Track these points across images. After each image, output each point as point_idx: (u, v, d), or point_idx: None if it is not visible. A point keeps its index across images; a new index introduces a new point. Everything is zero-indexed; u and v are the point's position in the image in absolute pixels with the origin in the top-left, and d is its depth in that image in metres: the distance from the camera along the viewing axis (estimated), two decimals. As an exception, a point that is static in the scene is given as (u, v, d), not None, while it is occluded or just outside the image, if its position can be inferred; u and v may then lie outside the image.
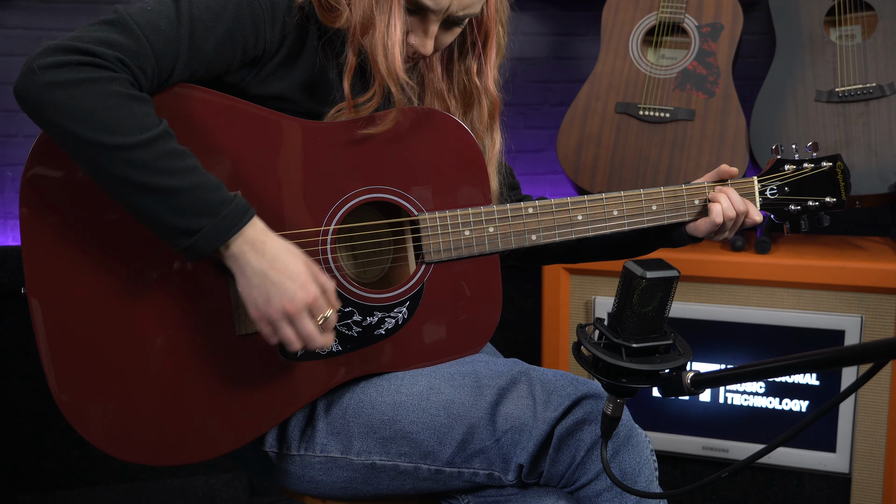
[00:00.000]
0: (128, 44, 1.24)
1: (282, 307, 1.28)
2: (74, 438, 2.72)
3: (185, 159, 1.25)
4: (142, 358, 1.36)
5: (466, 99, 1.56)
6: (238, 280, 1.30)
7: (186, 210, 1.23)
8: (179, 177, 1.23)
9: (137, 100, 1.23)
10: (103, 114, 1.19)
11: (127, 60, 1.23)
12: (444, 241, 1.48)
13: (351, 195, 1.43)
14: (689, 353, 1.20)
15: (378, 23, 1.38)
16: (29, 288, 1.32)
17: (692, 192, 1.59)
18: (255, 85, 1.41)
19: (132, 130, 1.20)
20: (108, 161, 1.20)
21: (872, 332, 2.29)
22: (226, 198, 1.26)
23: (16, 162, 2.68)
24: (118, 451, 1.37)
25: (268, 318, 1.29)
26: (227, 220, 1.25)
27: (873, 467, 2.32)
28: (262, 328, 1.31)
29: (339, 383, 1.46)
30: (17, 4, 2.65)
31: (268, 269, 1.28)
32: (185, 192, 1.23)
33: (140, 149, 1.20)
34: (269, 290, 1.28)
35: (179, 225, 1.23)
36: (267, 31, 1.37)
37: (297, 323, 1.30)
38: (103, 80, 1.20)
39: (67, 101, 1.19)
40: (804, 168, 1.62)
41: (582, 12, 3.14)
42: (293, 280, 1.28)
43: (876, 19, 2.46)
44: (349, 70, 1.42)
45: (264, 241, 1.29)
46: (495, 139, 1.58)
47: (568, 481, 1.41)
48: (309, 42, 1.43)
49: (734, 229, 1.59)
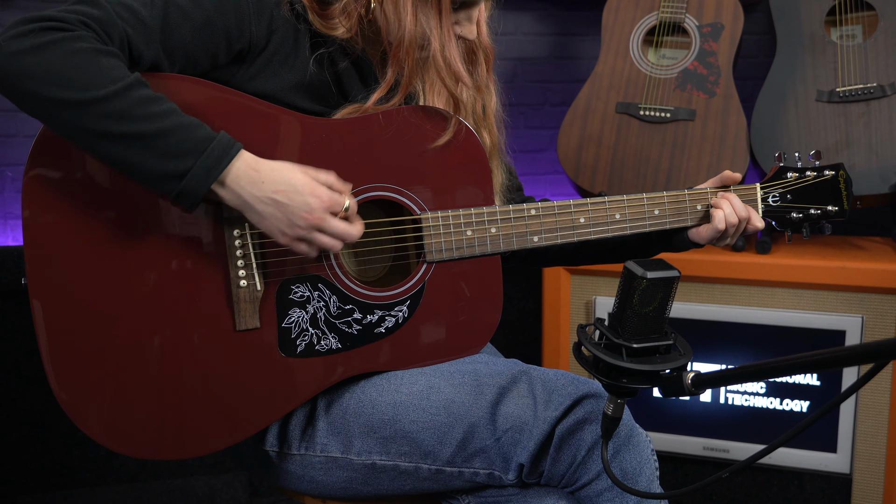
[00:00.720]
0: (94, 12, 1.24)
1: (305, 222, 1.29)
2: (75, 439, 2.71)
3: (162, 103, 1.24)
4: (141, 353, 1.36)
5: (470, 57, 1.56)
6: (250, 217, 1.30)
7: (171, 152, 1.22)
8: (158, 120, 1.22)
9: (105, 53, 1.22)
10: (72, 71, 1.19)
11: (90, 23, 1.23)
12: (447, 241, 1.47)
13: (354, 192, 1.43)
14: (690, 353, 1.19)
15: (431, 37, 1.38)
16: (31, 286, 1.32)
17: (695, 197, 1.59)
18: (245, 81, 1.40)
19: (103, 83, 1.20)
20: (84, 118, 1.20)
21: (873, 332, 2.28)
22: (209, 135, 1.26)
23: (16, 162, 2.68)
24: (117, 445, 1.37)
25: (298, 237, 1.31)
26: (214, 154, 1.24)
27: (874, 468, 2.32)
28: (298, 248, 1.33)
29: (339, 381, 1.46)
30: (17, 4, 2.65)
31: (272, 194, 1.28)
32: (166, 134, 1.22)
33: (114, 99, 1.20)
34: (284, 211, 1.29)
35: (167, 169, 1.23)
36: (252, 24, 1.37)
37: (326, 228, 1.31)
38: (67, 40, 1.20)
39: (34, 66, 1.18)
40: (807, 176, 1.62)
41: (582, 12, 3.14)
42: (301, 192, 1.29)
43: (877, 19, 2.45)
44: (385, 86, 1.43)
45: (257, 168, 1.28)
46: (492, 91, 1.59)
47: (569, 481, 1.40)
48: (300, 43, 1.42)
49: (736, 235, 1.59)
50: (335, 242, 1.34)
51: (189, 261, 1.36)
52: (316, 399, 1.48)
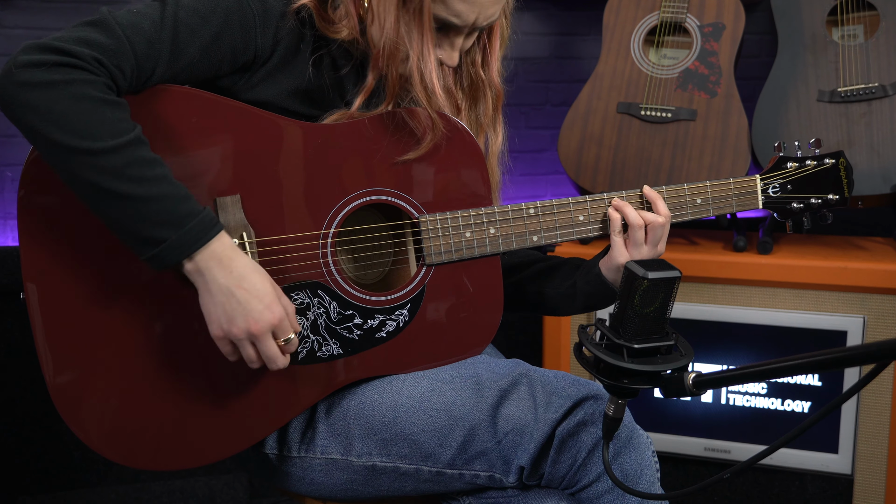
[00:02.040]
0: (107, 43, 1.23)
1: (246, 327, 1.27)
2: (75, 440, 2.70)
3: (155, 168, 1.23)
4: (140, 363, 1.35)
5: (473, 92, 1.55)
6: (202, 296, 1.29)
7: (152, 219, 1.22)
8: (147, 185, 1.21)
9: (111, 104, 1.22)
10: (75, 117, 1.18)
11: (104, 60, 1.22)
12: (445, 243, 1.47)
13: (351, 197, 1.42)
14: (691, 353, 1.19)
15: (409, 50, 1.37)
16: (26, 275, 1.31)
17: (694, 191, 1.57)
18: (247, 90, 1.40)
19: (102, 135, 1.19)
20: (76, 165, 1.20)
21: (875, 332, 2.28)
22: (193, 210, 1.25)
23: (16, 162, 2.68)
24: (113, 453, 1.37)
25: (231, 336, 1.29)
26: (193, 232, 1.24)
27: (876, 468, 2.32)
28: (223, 347, 1.31)
29: (341, 386, 1.45)
30: (17, 4, 2.65)
31: (234, 287, 1.27)
32: (151, 201, 1.22)
33: (109, 154, 1.19)
34: (235, 308, 1.27)
35: (143, 234, 1.22)
36: (258, 37, 1.37)
37: (260, 343, 1.30)
38: (78, 83, 1.19)
39: (40, 101, 1.18)
40: (807, 165, 1.61)
41: (583, 12, 3.13)
42: (260, 300, 1.27)
43: (878, 19, 2.45)
44: (366, 91, 1.42)
45: (232, 257, 1.28)
46: (498, 131, 1.58)
47: (569, 483, 1.40)
48: (303, 48, 1.42)
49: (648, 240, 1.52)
50: (258, 362, 1.31)
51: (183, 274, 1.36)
52: (316, 402, 1.47)
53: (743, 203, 1.60)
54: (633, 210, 1.50)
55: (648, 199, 1.53)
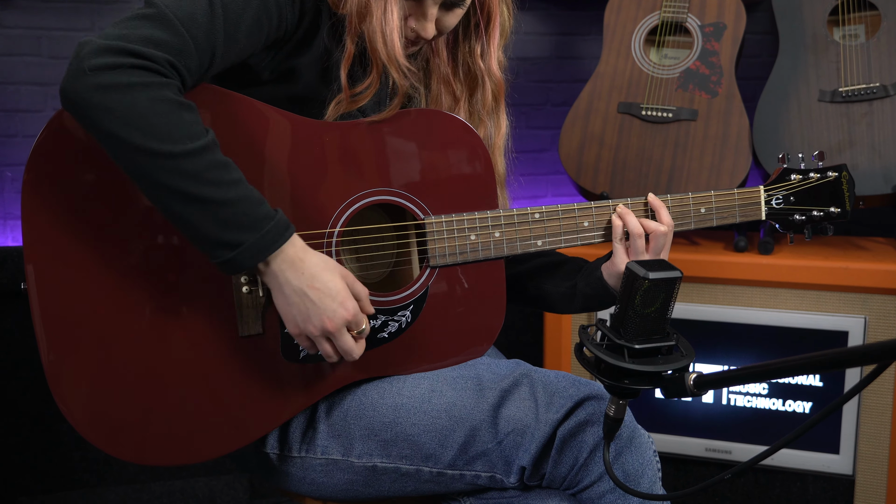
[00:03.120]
0: (173, 42, 1.22)
1: (322, 325, 1.29)
2: (75, 440, 2.71)
3: (231, 171, 1.24)
4: (142, 358, 1.35)
5: (471, 82, 1.55)
6: (276, 297, 1.30)
7: (230, 223, 1.22)
8: (226, 189, 1.22)
9: (186, 107, 1.22)
10: (154, 119, 1.18)
11: (175, 62, 1.22)
12: (450, 246, 1.47)
13: (357, 197, 1.42)
14: (692, 354, 1.19)
15: (374, 8, 1.37)
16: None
17: (698, 200, 1.57)
18: (273, 66, 1.40)
19: (182, 139, 1.19)
20: (155, 168, 1.19)
21: (876, 333, 2.28)
22: (269, 213, 1.26)
23: (16, 162, 2.68)
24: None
25: (307, 334, 1.31)
26: (270, 235, 1.25)
27: (877, 469, 2.31)
28: (301, 342, 1.34)
29: (341, 386, 1.45)
30: (17, 4, 2.65)
31: (307, 288, 1.28)
32: (230, 204, 1.22)
33: (189, 158, 1.19)
34: (309, 308, 1.29)
35: (222, 237, 1.23)
36: (288, 13, 1.37)
37: (336, 339, 1.32)
38: (156, 86, 1.19)
39: (118, 104, 1.17)
40: (810, 178, 1.62)
41: (584, 12, 3.13)
42: (333, 298, 1.29)
43: (880, 19, 2.45)
44: (347, 59, 1.41)
45: (303, 258, 1.29)
46: (500, 123, 1.57)
47: (570, 483, 1.40)
48: (322, 22, 1.42)
49: (648, 248, 1.52)
50: (336, 356, 1.34)
51: (192, 266, 1.35)
52: (317, 402, 1.47)
53: (746, 214, 1.61)
54: (634, 218, 1.50)
55: (652, 207, 1.53)
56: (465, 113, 1.53)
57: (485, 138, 1.55)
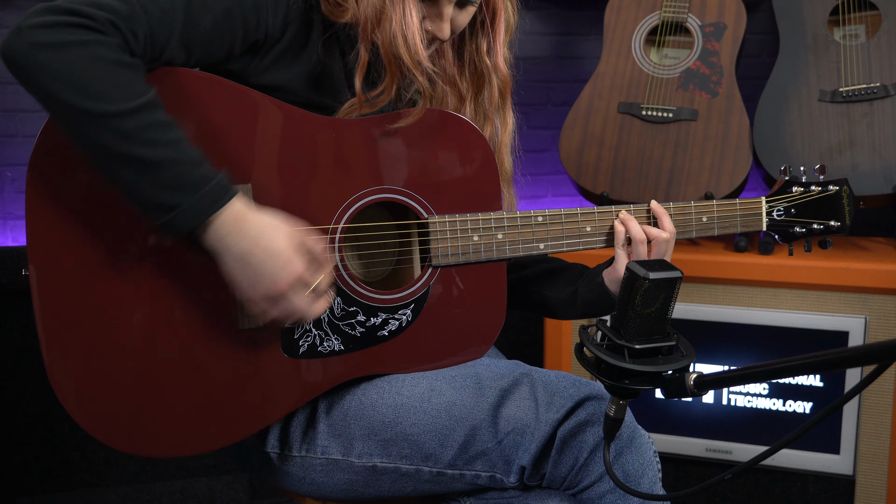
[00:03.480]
0: (120, 7, 1.21)
1: (267, 289, 1.26)
2: (75, 440, 2.71)
3: (169, 131, 1.22)
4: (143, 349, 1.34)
5: (477, 80, 1.55)
6: (220, 265, 1.28)
7: (165, 184, 1.20)
8: (161, 149, 1.20)
9: (126, 66, 1.20)
10: (89, 79, 1.16)
11: (118, 23, 1.20)
12: (453, 246, 1.47)
13: (361, 194, 1.42)
14: (693, 354, 1.19)
15: (392, 13, 1.36)
16: (31, 263, 1.30)
17: (700, 209, 1.58)
18: (257, 74, 1.39)
19: (117, 98, 1.17)
20: (89, 127, 1.18)
21: (877, 333, 2.28)
22: (207, 175, 1.23)
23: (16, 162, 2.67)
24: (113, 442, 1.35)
25: (254, 300, 1.28)
26: (206, 198, 1.22)
27: (877, 469, 2.31)
28: (252, 309, 1.30)
29: (341, 382, 1.45)
30: (17, 4, 2.65)
31: (249, 251, 1.25)
32: (165, 165, 1.20)
33: (124, 117, 1.18)
34: (253, 272, 1.25)
35: (156, 199, 1.21)
36: (269, 15, 1.36)
37: (286, 301, 1.28)
38: (92, 44, 1.17)
39: (53, 62, 1.16)
40: (811, 191, 1.63)
41: (584, 12, 3.13)
42: (275, 259, 1.26)
43: (880, 19, 2.44)
44: (361, 67, 1.41)
45: (244, 219, 1.26)
46: (507, 120, 1.57)
47: (571, 483, 1.40)
48: (313, 34, 1.42)
49: (647, 251, 1.53)
50: (289, 319, 1.30)
51: (193, 259, 1.35)
52: (317, 401, 1.47)
53: (747, 224, 1.62)
54: (637, 225, 1.50)
55: (655, 214, 1.53)
56: (470, 112, 1.53)
57: (491, 136, 1.54)
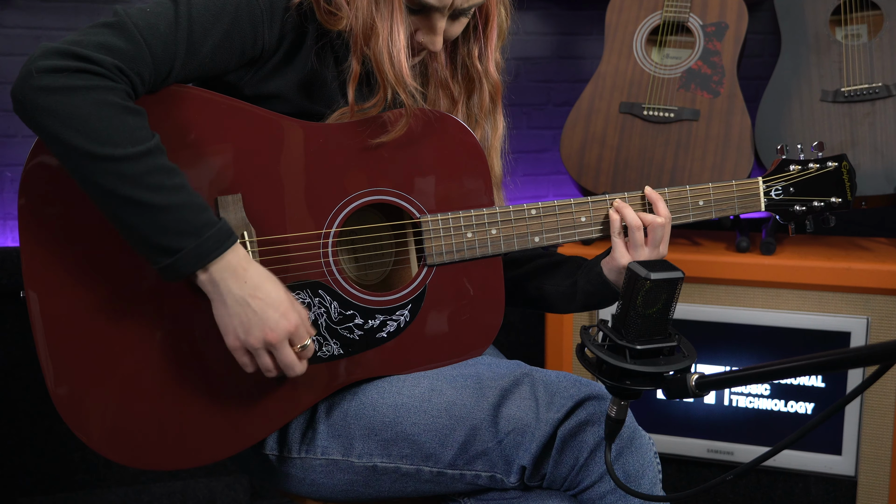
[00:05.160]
0: (126, 48, 1.22)
1: (263, 336, 1.28)
2: (75, 441, 2.70)
3: (174, 177, 1.24)
4: (141, 361, 1.35)
5: (468, 84, 1.55)
6: (216, 307, 1.29)
7: (170, 228, 1.22)
8: (166, 194, 1.22)
9: (132, 112, 1.22)
10: (96, 123, 1.18)
11: (125, 68, 1.22)
12: (447, 244, 1.46)
13: (353, 197, 1.42)
14: (694, 354, 1.18)
15: (380, 29, 1.36)
16: (26, 281, 1.30)
17: (696, 193, 1.57)
18: (252, 85, 1.40)
19: (123, 142, 1.19)
20: (96, 171, 1.19)
21: (879, 333, 2.27)
22: (210, 220, 1.25)
23: (15, 162, 2.68)
24: (114, 454, 1.36)
25: (248, 346, 1.29)
26: (210, 242, 1.24)
27: (879, 470, 2.31)
28: (240, 357, 1.31)
29: (341, 386, 1.45)
30: (17, 4, 2.65)
31: (249, 297, 1.27)
32: (170, 209, 1.22)
33: (130, 162, 1.19)
34: (251, 318, 1.27)
35: (161, 243, 1.22)
36: (265, 32, 1.36)
37: (277, 352, 1.30)
38: (100, 89, 1.19)
39: (61, 107, 1.18)
40: (809, 168, 1.61)
41: (585, 11, 3.13)
42: (275, 308, 1.28)
43: (882, 18, 2.44)
44: (353, 79, 1.41)
45: (246, 267, 1.28)
46: (497, 124, 1.57)
47: (571, 484, 1.40)
48: (307, 42, 1.42)
49: (647, 241, 1.52)
50: (275, 370, 1.32)
51: None
52: (316, 402, 1.47)
53: (745, 205, 1.60)
54: (631, 211, 1.50)
55: (650, 200, 1.53)
56: (462, 115, 1.53)
57: (481, 140, 1.54)
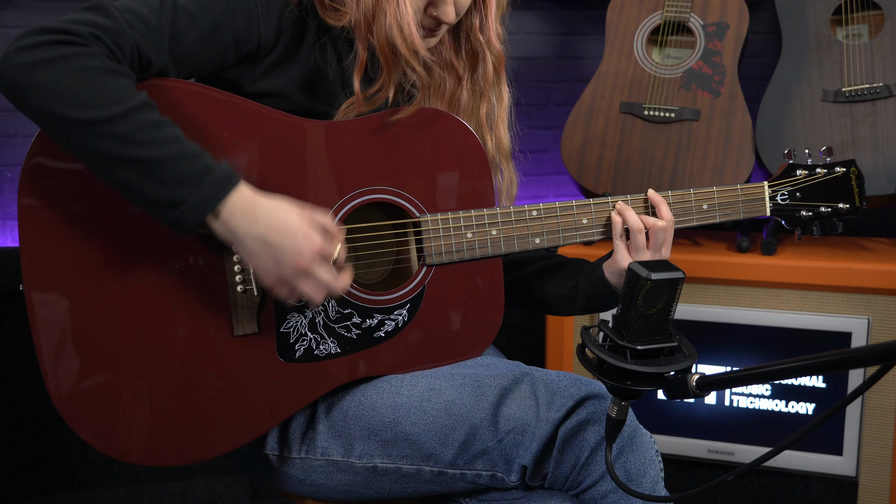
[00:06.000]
0: (104, 22, 1.22)
1: (293, 266, 1.26)
2: (74, 441, 2.71)
3: (165, 129, 1.22)
4: (138, 359, 1.34)
5: (472, 58, 1.55)
6: (240, 252, 1.28)
7: (168, 180, 1.21)
8: (159, 147, 1.20)
9: (114, 72, 1.21)
10: (78, 89, 1.18)
11: (102, 35, 1.21)
12: (446, 244, 1.46)
13: (353, 195, 1.42)
14: (695, 355, 1.18)
15: (387, 5, 1.36)
16: (26, 281, 1.30)
17: (700, 196, 1.56)
18: (251, 82, 1.39)
19: (108, 103, 1.18)
20: (87, 137, 1.19)
21: (879, 334, 2.27)
22: (208, 165, 1.23)
23: (16, 162, 2.67)
24: (113, 450, 1.36)
25: (283, 280, 1.28)
26: (211, 188, 1.22)
27: (880, 470, 2.31)
28: (280, 292, 1.30)
29: (338, 385, 1.45)
30: (17, 4, 2.65)
31: (265, 233, 1.25)
32: (165, 162, 1.20)
33: (117, 121, 1.18)
34: (275, 253, 1.26)
35: (162, 197, 1.21)
36: (261, 25, 1.36)
37: (313, 275, 1.28)
38: (77, 56, 1.19)
39: (43, 80, 1.17)
40: (817, 173, 1.60)
41: (586, 11, 3.12)
42: (294, 235, 1.26)
43: (883, 18, 2.44)
44: (360, 65, 1.41)
45: (253, 204, 1.26)
46: (503, 95, 1.57)
47: (572, 483, 1.39)
48: (307, 38, 1.42)
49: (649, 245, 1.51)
50: (317, 293, 1.30)
51: (187, 266, 1.35)
52: (316, 402, 1.47)
53: (750, 210, 1.59)
54: (633, 214, 1.50)
55: (652, 203, 1.52)
56: (468, 91, 1.53)
57: (488, 112, 1.55)
